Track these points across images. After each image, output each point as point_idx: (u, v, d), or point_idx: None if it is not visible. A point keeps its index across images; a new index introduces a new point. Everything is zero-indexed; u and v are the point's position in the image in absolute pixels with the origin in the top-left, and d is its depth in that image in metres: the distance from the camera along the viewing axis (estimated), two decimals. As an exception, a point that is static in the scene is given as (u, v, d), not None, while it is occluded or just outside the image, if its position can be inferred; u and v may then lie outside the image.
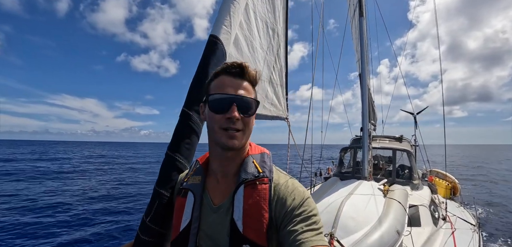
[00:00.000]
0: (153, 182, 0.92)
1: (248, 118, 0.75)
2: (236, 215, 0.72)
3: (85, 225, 7.85)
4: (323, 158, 7.46)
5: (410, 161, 5.29)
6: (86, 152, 50.55)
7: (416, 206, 3.66)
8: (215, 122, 0.73)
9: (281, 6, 2.06)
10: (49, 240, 6.65)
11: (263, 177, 0.76)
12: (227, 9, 1.17)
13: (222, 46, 1.08)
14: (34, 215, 8.69)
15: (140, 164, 31.39)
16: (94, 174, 19.69)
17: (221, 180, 0.81)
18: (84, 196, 11.69)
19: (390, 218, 2.71)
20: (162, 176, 0.90)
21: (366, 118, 4.85)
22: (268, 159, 0.83)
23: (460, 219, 4.02)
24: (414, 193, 4.32)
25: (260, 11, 1.56)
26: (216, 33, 1.10)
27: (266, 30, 1.65)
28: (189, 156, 0.96)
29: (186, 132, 0.96)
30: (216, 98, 0.73)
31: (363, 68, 4.92)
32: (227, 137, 0.72)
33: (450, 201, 4.92)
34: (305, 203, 0.71)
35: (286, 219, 0.70)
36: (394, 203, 3.03)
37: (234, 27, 1.19)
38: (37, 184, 14.39)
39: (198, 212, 0.78)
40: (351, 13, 5.97)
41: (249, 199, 0.72)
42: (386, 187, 3.51)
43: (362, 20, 5.06)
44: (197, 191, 0.80)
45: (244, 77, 0.76)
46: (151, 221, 0.85)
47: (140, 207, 10.12)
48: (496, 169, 25.11)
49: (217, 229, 0.75)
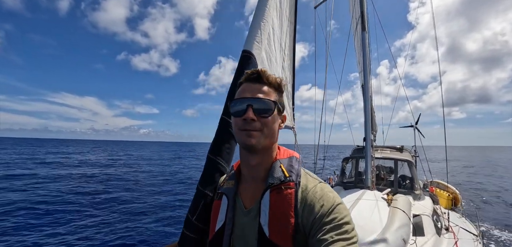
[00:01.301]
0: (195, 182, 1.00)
1: (266, 119, 0.76)
2: (262, 220, 0.73)
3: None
4: (327, 157, 7.53)
5: (411, 171, 5.37)
6: (99, 153, 45.55)
7: (419, 215, 3.73)
8: (236, 125, 0.78)
9: (288, 21, 2.19)
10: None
11: (289, 181, 0.76)
12: (258, 26, 1.28)
13: (254, 60, 1.19)
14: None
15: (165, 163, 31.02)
16: (143, 185, 16.02)
17: (251, 184, 0.84)
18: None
19: (395, 226, 2.77)
20: (206, 177, 0.98)
21: (369, 129, 4.95)
22: (296, 162, 0.83)
23: (463, 229, 4.08)
24: (416, 203, 4.39)
25: (276, 28, 1.66)
26: (249, 49, 1.20)
27: (278, 44, 1.75)
28: (229, 159, 1.05)
29: (225, 137, 1.05)
30: (234, 104, 0.79)
31: (365, 80, 5.05)
32: (246, 136, 0.75)
33: (452, 212, 4.98)
34: (336, 209, 0.68)
35: (315, 227, 0.68)
36: (398, 212, 3.10)
37: (264, 43, 1.30)
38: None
39: (232, 214, 0.82)
40: (354, 26, 6.16)
41: (275, 203, 0.74)
42: (390, 196, 3.58)
43: (365, 35, 5.21)
44: (230, 195, 0.85)
45: (261, 82, 0.79)
46: (197, 219, 0.92)
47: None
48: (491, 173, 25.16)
49: (248, 231, 0.78)
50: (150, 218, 8.81)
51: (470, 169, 26.14)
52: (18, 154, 36.49)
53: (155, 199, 11.76)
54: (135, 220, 8.54)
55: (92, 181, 16.44)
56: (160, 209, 10.13)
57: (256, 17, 1.32)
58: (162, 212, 9.70)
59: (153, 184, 15.96)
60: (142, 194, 13.00)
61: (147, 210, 9.82)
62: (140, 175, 20.53)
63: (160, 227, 8.05)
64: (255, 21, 1.31)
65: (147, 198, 12.04)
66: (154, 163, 31.11)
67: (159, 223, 8.37)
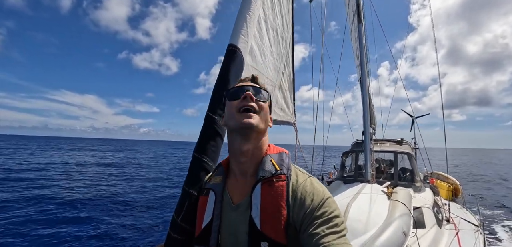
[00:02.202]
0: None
1: (262, 103, 0.82)
2: (254, 212, 0.73)
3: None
4: (327, 156, 7.51)
5: (411, 163, 5.34)
6: (116, 156, 40.24)
7: (420, 207, 3.70)
8: (233, 107, 0.80)
9: (289, 15, 2.15)
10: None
11: (280, 174, 0.76)
12: (243, 19, 1.24)
13: (240, 53, 1.15)
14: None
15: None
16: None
17: (240, 179, 0.83)
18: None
19: (396, 219, 2.74)
20: (191, 177, 0.95)
21: (367, 122, 4.92)
22: (286, 157, 0.84)
23: (464, 220, 4.05)
24: (416, 195, 4.36)
25: (270, 20, 1.63)
26: (234, 42, 1.17)
27: (276, 38, 1.72)
28: (215, 158, 1.02)
29: (211, 134, 1.02)
30: (233, 90, 0.84)
31: (363, 73, 5.01)
32: (244, 116, 0.77)
33: (453, 203, 4.96)
34: (326, 203, 0.69)
35: (305, 221, 0.68)
36: (399, 205, 3.07)
37: (250, 36, 1.26)
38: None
39: (219, 210, 0.81)
40: (350, 19, 6.11)
41: (266, 195, 0.73)
42: (390, 189, 3.55)
43: (361, 27, 5.18)
44: (217, 190, 0.84)
45: (255, 82, 0.87)
46: (182, 220, 0.89)
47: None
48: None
49: (237, 226, 0.77)
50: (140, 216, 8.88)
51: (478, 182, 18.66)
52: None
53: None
54: (124, 217, 8.62)
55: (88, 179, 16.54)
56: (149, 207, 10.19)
57: (242, 10, 1.28)
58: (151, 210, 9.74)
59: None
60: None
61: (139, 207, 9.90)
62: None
63: (147, 227, 8.05)
64: (240, 14, 1.27)
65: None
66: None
67: (146, 223, 8.38)
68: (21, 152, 37.32)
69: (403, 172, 5.71)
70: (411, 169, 5.30)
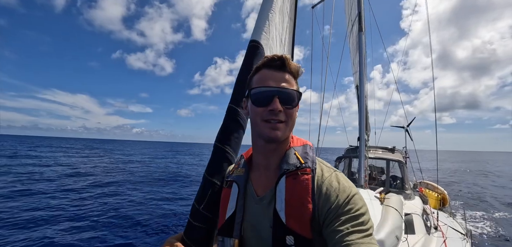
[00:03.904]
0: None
1: (290, 110, 0.75)
2: (278, 206, 0.71)
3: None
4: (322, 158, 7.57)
5: (402, 171, 5.49)
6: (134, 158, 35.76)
7: (410, 214, 3.82)
8: (257, 115, 0.74)
9: (288, 17, 2.19)
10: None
11: (305, 168, 0.74)
12: (266, 16, 1.26)
13: (262, 50, 1.17)
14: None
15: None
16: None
17: (264, 172, 0.82)
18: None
19: (389, 224, 2.82)
20: (213, 166, 0.96)
21: (363, 128, 5.02)
22: (310, 150, 0.81)
23: (451, 228, 4.20)
24: (407, 202, 4.49)
25: (277, 22, 1.65)
26: (257, 38, 1.18)
27: (279, 39, 1.74)
28: (237, 148, 1.03)
29: (233, 125, 1.03)
30: (258, 92, 0.74)
31: (361, 80, 5.12)
32: (270, 128, 0.72)
33: (441, 212, 5.13)
34: (352, 200, 0.66)
35: (330, 216, 0.66)
36: (391, 210, 3.16)
37: (271, 33, 1.28)
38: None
39: (242, 202, 0.80)
40: (350, 27, 6.23)
41: (291, 189, 0.72)
42: (383, 195, 3.65)
43: (361, 35, 5.27)
44: (241, 182, 0.83)
45: (285, 70, 0.76)
46: (204, 208, 0.90)
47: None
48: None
49: (260, 219, 0.76)
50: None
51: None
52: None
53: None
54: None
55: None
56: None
57: (264, 7, 1.31)
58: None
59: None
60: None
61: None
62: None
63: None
64: (263, 11, 1.29)
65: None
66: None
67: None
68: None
69: (394, 179, 5.86)
70: (402, 177, 5.45)
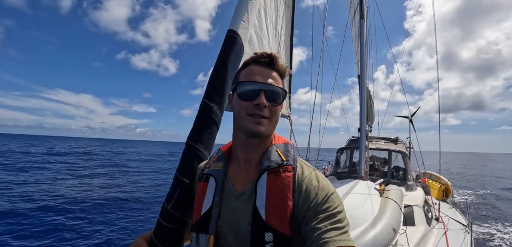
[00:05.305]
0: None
1: (275, 107, 0.76)
2: (258, 202, 0.70)
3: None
4: (320, 158, 7.48)
5: (405, 162, 5.40)
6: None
7: (411, 206, 3.77)
8: (242, 108, 0.75)
9: (285, 4, 2.11)
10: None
11: (287, 165, 0.74)
12: (245, 6, 1.20)
13: (240, 40, 1.12)
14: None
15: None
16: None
17: (244, 167, 0.80)
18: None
19: (386, 216, 2.79)
20: (184, 164, 0.92)
21: (364, 118, 4.94)
22: (292, 149, 0.82)
23: (452, 219, 4.14)
24: (408, 193, 4.43)
25: (268, 10, 1.59)
26: (235, 28, 1.13)
27: (273, 29, 1.69)
28: (209, 146, 0.99)
29: (206, 122, 0.99)
30: (245, 87, 0.75)
31: (362, 69, 5.00)
32: (254, 122, 0.73)
33: (443, 203, 5.06)
34: (330, 198, 0.68)
35: (309, 214, 0.67)
36: (390, 202, 3.12)
37: (251, 24, 1.22)
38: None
39: (220, 197, 0.78)
40: (352, 15, 6.05)
41: (273, 186, 0.71)
42: (382, 186, 3.60)
43: (363, 22, 5.14)
44: (219, 177, 0.80)
45: (273, 67, 0.77)
46: (172, 207, 0.87)
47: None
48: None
49: (239, 216, 0.75)
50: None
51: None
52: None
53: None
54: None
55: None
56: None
57: (243, -5, 1.24)
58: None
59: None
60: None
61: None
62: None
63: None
64: (241, 0, 1.22)
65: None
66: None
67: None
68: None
69: (396, 170, 5.78)
70: (404, 168, 5.37)
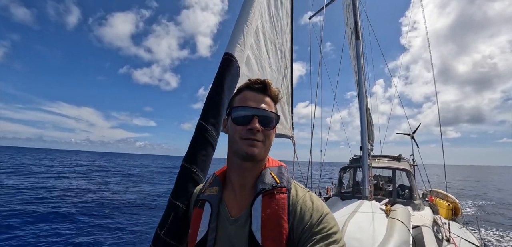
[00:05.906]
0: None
1: (268, 131, 0.78)
2: (254, 226, 0.70)
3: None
4: (323, 176, 7.36)
5: (410, 180, 5.28)
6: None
7: (419, 226, 3.62)
8: (236, 132, 0.76)
9: (288, 29, 2.17)
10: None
11: (281, 187, 0.75)
12: (241, 29, 1.24)
13: (236, 63, 1.13)
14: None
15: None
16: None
17: (239, 192, 0.81)
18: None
19: (394, 238, 2.67)
20: (178, 188, 0.90)
21: (365, 137, 4.89)
22: (285, 171, 0.83)
23: (464, 240, 3.96)
24: (415, 213, 4.27)
25: (268, 32, 1.64)
26: (231, 51, 1.15)
27: (274, 50, 1.72)
28: (205, 168, 0.97)
29: (202, 144, 0.97)
30: (239, 112, 0.77)
31: (360, 88, 5.05)
32: (247, 145, 0.74)
33: (452, 222, 4.86)
34: (324, 219, 0.69)
35: (304, 236, 0.68)
36: (397, 223, 3.00)
37: (247, 46, 1.25)
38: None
39: (215, 223, 0.77)
40: (349, 36, 6.23)
41: (267, 208, 0.72)
42: (388, 206, 3.48)
43: (359, 43, 5.28)
44: (214, 202, 0.80)
45: (266, 93, 0.81)
46: (165, 234, 0.84)
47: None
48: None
49: (234, 241, 0.74)
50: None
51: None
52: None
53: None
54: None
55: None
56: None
57: (240, 20, 1.28)
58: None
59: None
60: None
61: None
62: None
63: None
64: (238, 24, 1.26)
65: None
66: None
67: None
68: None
69: (401, 189, 5.63)
70: (410, 186, 5.23)
